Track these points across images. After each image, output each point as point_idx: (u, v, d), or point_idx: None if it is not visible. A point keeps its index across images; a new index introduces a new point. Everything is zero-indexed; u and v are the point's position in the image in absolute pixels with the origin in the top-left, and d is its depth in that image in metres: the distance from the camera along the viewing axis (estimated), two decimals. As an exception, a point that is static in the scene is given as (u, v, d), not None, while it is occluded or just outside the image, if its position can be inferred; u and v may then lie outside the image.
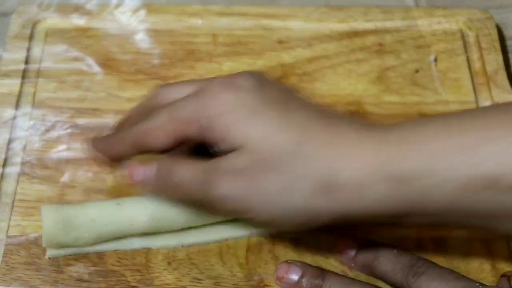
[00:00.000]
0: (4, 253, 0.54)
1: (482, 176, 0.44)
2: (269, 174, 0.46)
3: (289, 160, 0.46)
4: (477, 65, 0.65)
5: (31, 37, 0.67)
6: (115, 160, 0.53)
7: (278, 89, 0.50)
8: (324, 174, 0.46)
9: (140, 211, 0.53)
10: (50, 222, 0.52)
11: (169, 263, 0.54)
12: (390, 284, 0.51)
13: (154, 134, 0.50)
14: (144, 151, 0.51)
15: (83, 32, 0.67)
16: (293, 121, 0.47)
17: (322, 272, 0.51)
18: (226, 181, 0.47)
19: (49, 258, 0.53)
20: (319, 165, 0.46)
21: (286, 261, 0.52)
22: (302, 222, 0.48)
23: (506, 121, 0.44)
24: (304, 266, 0.52)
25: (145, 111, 0.53)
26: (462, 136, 0.45)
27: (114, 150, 0.53)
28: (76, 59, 0.65)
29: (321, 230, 0.51)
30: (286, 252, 0.54)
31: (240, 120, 0.48)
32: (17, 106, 0.62)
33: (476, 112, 0.49)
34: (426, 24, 0.68)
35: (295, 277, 0.51)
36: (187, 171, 0.49)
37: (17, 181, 0.58)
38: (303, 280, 0.51)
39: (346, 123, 0.48)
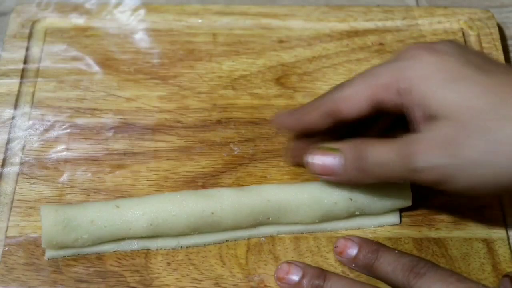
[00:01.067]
0: (3, 254, 0.54)
1: None
2: (471, 140, 0.47)
3: (490, 123, 0.47)
4: (478, 64, 0.65)
5: (30, 37, 0.66)
6: (306, 131, 0.53)
7: (477, 54, 0.51)
8: None
9: (139, 216, 0.53)
10: (49, 223, 0.52)
11: (168, 264, 0.53)
12: (391, 285, 0.51)
13: (351, 101, 0.51)
14: (338, 120, 0.52)
15: (82, 31, 0.67)
16: (492, 84, 0.48)
17: (322, 273, 0.51)
18: (428, 153, 0.48)
19: (48, 259, 0.53)
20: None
21: (287, 262, 0.52)
22: (506, 186, 0.48)
23: None
24: (305, 266, 0.51)
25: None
26: None
27: (306, 119, 0.53)
28: (75, 58, 0.65)
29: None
30: (286, 252, 0.54)
31: (439, 86, 0.48)
32: (16, 106, 0.62)
33: None
34: (427, 23, 0.68)
35: (295, 277, 0.51)
36: (382, 151, 0.50)
37: (16, 181, 0.57)
38: (304, 280, 0.51)
39: None
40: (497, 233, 0.55)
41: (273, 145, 0.60)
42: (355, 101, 0.51)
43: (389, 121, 0.54)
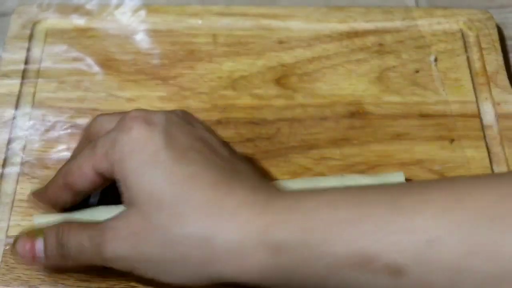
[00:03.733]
0: (3, 253, 0.54)
1: (356, 253, 0.42)
2: (153, 235, 0.46)
3: (169, 218, 0.45)
4: (477, 65, 0.65)
5: (31, 37, 0.67)
6: (59, 207, 0.52)
7: (189, 133, 0.49)
8: (199, 237, 0.44)
9: None
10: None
11: (169, 263, 0.53)
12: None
13: (78, 173, 0.50)
14: (77, 192, 0.51)
15: (83, 32, 0.67)
16: (181, 176, 0.46)
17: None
18: (115, 244, 0.47)
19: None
20: (195, 227, 0.45)
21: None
22: (183, 281, 0.47)
23: (386, 198, 0.43)
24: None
25: (80, 147, 0.53)
26: (346, 210, 0.43)
27: (50, 196, 0.52)
28: (76, 59, 0.65)
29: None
30: (286, 252, 0.54)
31: (137, 170, 0.46)
32: (17, 106, 0.62)
33: (373, 189, 0.47)
34: (426, 24, 0.68)
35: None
36: (80, 238, 0.48)
37: (17, 181, 0.58)
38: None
39: (238, 183, 0.46)
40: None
41: (273, 145, 0.60)
42: (82, 173, 0.49)
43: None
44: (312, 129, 0.61)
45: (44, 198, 0.53)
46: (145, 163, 0.47)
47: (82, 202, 0.53)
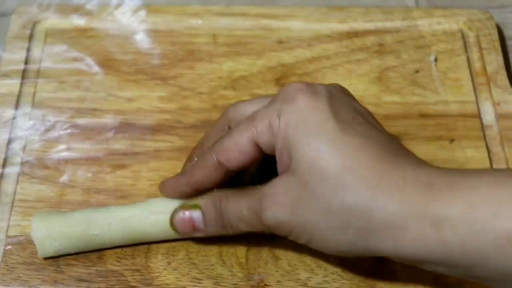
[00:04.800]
0: (4, 253, 0.54)
1: None
2: (312, 202, 0.46)
3: (330, 187, 0.46)
4: (477, 65, 0.65)
5: (31, 37, 0.67)
6: (199, 190, 0.52)
7: (352, 107, 0.50)
8: (362, 207, 0.45)
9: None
10: (40, 234, 0.52)
11: (168, 263, 0.54)
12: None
13: (235, 149, 0.50)
14: (228, 171, 0.51)
15: (83, 32, 0.67)
16: (347, 146, 0.46)
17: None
18: (275, 210, 0.48)
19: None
20: (357, 198, 0.45)
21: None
22: (339, 250, 0.48)
23: None
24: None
25: (218, 132, 0.54)
26: (507, 189, 0.43)
27: (195, 180, 0.52)
28: (76, 59, 0.65)
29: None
30: (286, 252, 0.54)
31: (302, 138, 0.47)
32: (17, 106, 0.62)
33: None
34: (426, 24, 0.68)
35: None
36: (237, 206, 0.50)
37: (17, 181, 0.58)
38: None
39: (402, 158, 0.47)
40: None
41: (273, 145, 0.60)
42: (239, 148, 0.50)
43: (255, 166, 0.53)
44: (312, 129, 0.61)
45: (182, 186, 0.53)
46: (311, 132, 0.47)
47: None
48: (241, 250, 0.54)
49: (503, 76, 0.64)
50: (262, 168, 0.53)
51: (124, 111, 0.62)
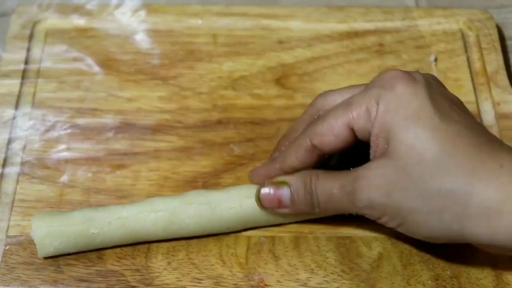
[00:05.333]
0: (4, 253, 0.54)
1: None
2: (409, 186, 0.47)
3: (429, 171, 0.47)
4: (477, 65, 0.65)
5: (31, 38, 0.67)
6: (289, 172, 0.53)
7: (447, 96, 0.51)
8: (459, 192, 0.46)
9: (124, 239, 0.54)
10: (40, 234, 0.52)
11: (169, 263, 0.54)
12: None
13: (330, 133, 0.51)
14: (322, 155, 0.52)
15: (83, 32, 0.67)
16: (446, 132, 0.48)
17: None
18: (369, 192, 0.49)
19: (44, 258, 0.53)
20: (455, 182, 0.47)
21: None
22: (431, 235, 0.49)
23: None
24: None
25: (306, 121, 0.55)
26: None
27: (288, 164, 0.53)
28: (76, 59, 0.65)
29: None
30: (286, 252, 0.54)
31: (401, 123, 0.48)
32: (17, 106, 0.62)
33: None
34: (426, 24, 0.68)
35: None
36: (329, 186, 0.51)
37: (17, 181, 0.58)
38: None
39: (498, 146, 0.48)
40: (496, 233, 0.55)
41: (273, 145, 0.60)
42: (334, 133, 0.51)
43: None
44: (312, 129, 0.61)
45: (274, 170, 0.54)
46: (410, 118, 0.48)
47: None
48: (241, 250, 0.54)
49: (503, 76, 0.64)
50: (345, 156, 0.53)
51: (124, 111, 0.62)
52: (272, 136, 0.61)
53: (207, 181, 0.58)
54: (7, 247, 0.54)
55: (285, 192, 0.52)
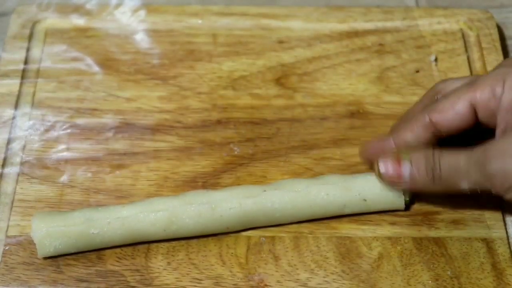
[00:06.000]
0: (3, 253, 0.54)
1: None
2: None
3: None
4: (477, 65, 0.65)
5: (30, 37, 0.66)
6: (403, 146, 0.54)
7: None
8: None
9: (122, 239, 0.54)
10: (40, 234, 0.52)
11: (168, 263, 0.53)
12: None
13: (451, 110, 0.52)
14: (438, 133, 0.53)
15: (82, 32, 0.67)
16: None
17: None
18: (504, 159, 0.48)
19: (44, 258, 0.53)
20: None
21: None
22: None
23: None
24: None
25: (425, 103, 0.55)
26: None
27: (403, 137, 0.54)
28: (75, 59, 0.65)
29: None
30: (286, 252, 0.54)
31: None
32: (16, 106, 0.62)
33: None
34: (426, 24, 0.68)
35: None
36: (456, 158, 0.51)
37: (17, 181, 0.58)
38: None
39: None
40: (497, 233, 0.55)
41: (273, 145, 0.60)
42: (455, 110, 0.52)
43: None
44: (312, 129, 0.61)
45: (395, 141, 0.54)
46: None
47: None
48: (241, 250, 0.54)
49: (503, 76, 0.64)
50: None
51: (124, 111, 0.62)
52: (272, 136, 0.60)
53: (207, 181, 0.58)
54: (6, 247, 0.54)
55: (406, 166, 0.52)
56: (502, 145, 0.49)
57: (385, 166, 0.52)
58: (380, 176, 0.53)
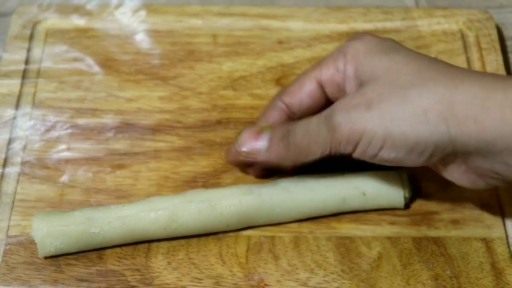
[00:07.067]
0: (4, 253, 0.54)
1: None
2: (389, 94, 0.48)
3: (410, 81, 0.48)
4: (477, 65, 0.65)
5: (31, 38, 0.67)
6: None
7: (410, 50, 0.52)
8: (441, 92, 0.47)
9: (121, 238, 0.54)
10: (41, 233, 0.52)
11: (169, 263, 0.54)
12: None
13: (298, 91, 0.54)
14: (295, 112, 0.54)
15: (83, 32, 0.67)
16: (417, 57, 0.50)
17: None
18: (349, 110, 0.49)
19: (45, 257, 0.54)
20: (437, 86, 0.47)
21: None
22: (417, 141, 0.48)
23: None
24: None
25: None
26: None
27: (263, 123, 0.55)
28: (76, 59, 0.65)
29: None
30: (285, 251, 0.54)
31: (374, 56, 0.50)
32: (17, 106, 0.62)
33: None
34: (426, 24, 0.68)
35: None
36: (308, 121, 0.51)
37: (17, 181, 0.58)
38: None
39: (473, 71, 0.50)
40: (496, 233, 0.55)
41: (273, 145, 0.60)
42: (302, 88, 0.54)
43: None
44: (312, 129, 0.61)
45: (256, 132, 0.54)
46: (383, 51, 0.51)
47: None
48: (241, 250, 0.54)
49: (502, 76, 0.64)
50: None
51: (124, 111, 0.62)
52: (272, 136, 0.61)
53: (207, 181, 0.58)
54: (7, 247, 0.54)
55: (265, 136, 0.53)
56: (346, 100, 0.50)
57: (244, 137, 0.54)
58: (238, 147, 0.54)
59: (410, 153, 0.48)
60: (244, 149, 0.53)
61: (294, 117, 0.55)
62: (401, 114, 0.47)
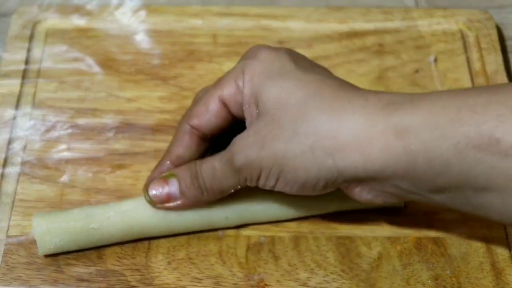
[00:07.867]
0: (4, 253, 0.54)
1: (484, 134, 0.44)
2: (279, 131, 0.48)
3: (296, 113, 0.48)
4: (477, 65, 0.65)
5: (31, 38, 0.67)
6: (180, 164, 0.54)
7: (304, 58, 0.53)
8: (327, 128, 0.47)
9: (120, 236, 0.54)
10: (40, 230, 0.52)
11: (169, 263, 0.54)
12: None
13: (204, 112, 0.53)
14: (203, 135, 0.53)
15: (83, 32, 0.67)
16: (310, 80, 0.49)
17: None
18: (245, 150, 0.49)
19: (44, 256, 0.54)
20: (322, 119, 0.47)
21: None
22: (307, 178, 0.48)
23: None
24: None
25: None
26: (473, 97, 0.45)
27: (176, 153, 0.54)
28: (76, 59, 0.65)
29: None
30: (285, 251, 0.54)
31: (266, 81, 0.50)
32: (17, 106, 0.62)
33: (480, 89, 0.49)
34: (426, 24, 0.68)
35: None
36: (212, 162, 0.51)
37: (17, 181, 0.58)
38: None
39: (360, 89, 0.50)
40: (496, 233, 0.55)
41: (273, 145, 0.60)
42: (208, 109, 0.53)
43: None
44: (312, 129, 0.61)
45: (171, 161, 0.54)
46: (274, 76, 0.50)
47: None
48: (241, 250, 0.54)
49: (503, 76, 0.64)
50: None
51: (124, 111, 0.62)
52: (272, 136, 0.61)
53: (207, 181, 0.58)
54: (7, 247, 0.54)
55: (173, 184, 0.52)
56: (242, 137, 0.50)
57: (154, 189, 0.53)
58: (151, 202, 0.53)
59: (303, 187, 0.49)
60: (157, 199, 0.53)
61: (206, 138, 0.54)
62: (291, 153, 0.48)
